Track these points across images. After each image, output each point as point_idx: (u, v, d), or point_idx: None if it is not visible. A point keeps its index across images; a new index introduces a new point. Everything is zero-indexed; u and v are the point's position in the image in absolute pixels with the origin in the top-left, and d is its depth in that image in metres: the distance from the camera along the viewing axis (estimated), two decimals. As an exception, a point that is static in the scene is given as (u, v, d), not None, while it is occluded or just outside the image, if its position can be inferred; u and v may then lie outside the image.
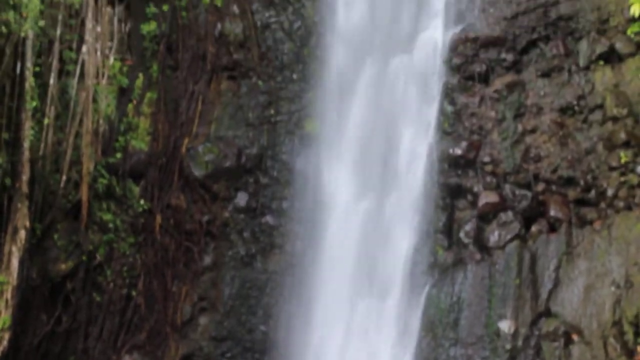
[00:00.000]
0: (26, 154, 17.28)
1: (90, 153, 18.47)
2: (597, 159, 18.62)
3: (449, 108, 19.26)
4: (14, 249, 17.19)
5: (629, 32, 18.67)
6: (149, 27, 19.88)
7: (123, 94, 19.66)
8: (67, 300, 18.90)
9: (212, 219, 19.97)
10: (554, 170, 18.76)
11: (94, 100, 18.35)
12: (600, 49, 18.89)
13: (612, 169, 18.49)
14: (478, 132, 19.12)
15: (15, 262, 17.13)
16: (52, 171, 18.36)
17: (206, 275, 19.88)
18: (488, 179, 18.95)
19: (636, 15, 18.33)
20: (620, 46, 18.80)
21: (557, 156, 18.76)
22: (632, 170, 18.33)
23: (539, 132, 18.95)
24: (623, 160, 18.35)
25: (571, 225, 18.42)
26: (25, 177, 17.35)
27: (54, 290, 18.74)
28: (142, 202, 19.62)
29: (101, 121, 18.60)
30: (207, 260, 19.93)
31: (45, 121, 17.64)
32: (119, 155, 19.47)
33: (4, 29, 16.28)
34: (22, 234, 17.33)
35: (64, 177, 18.28)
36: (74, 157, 18.34)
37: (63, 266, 18.72)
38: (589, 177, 18.58)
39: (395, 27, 19.65)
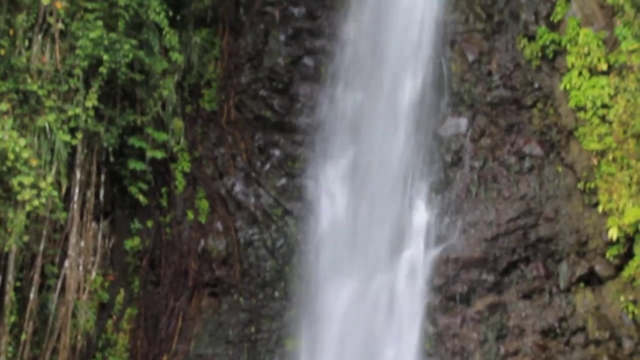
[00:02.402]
0: (1, 370, 16.97)
1: (67, 369, 18.13)
2: (581, 383, 18.46)
3: (431, 329, 19.16)
4: None
5: (608, 255, 18.88)
6: (133, 243, 20.00)
7: (103, 309, 19.52)
8: None
9: None
10: (537, 394, 18.54)
11: (73, 316, 18.15)
12: (580, 271, 19.07)
13: (596, 393, 18.30)
14: (460, 354, 18.96)
15: None
16: (26, 388, 17.95)
17: None
18: (471, 402, 18.68)
19: (614, 238, 18.60)
20: (600, 269, 18.97)
21: (540, 379, 18.59)
22: (617, 395, 18.11)
23: (521, 354, 18.81)
24: (607, 385, 18.18)
25: None
26: (-2, 395, 16.95)
27: None
28: (116, 422, 19.17)
29: (79, 337, 18.35)
30: None
31: (23, 337, 17.38)
32: (95, 371, 19.17)
33: (-13, 246, 16.31)
34: None
35: (37, 395, 17.88)
36: (50, 374, 18.00)
37: None
38: (572, 401, 18.36)
39: (377, 246, 19.83)
